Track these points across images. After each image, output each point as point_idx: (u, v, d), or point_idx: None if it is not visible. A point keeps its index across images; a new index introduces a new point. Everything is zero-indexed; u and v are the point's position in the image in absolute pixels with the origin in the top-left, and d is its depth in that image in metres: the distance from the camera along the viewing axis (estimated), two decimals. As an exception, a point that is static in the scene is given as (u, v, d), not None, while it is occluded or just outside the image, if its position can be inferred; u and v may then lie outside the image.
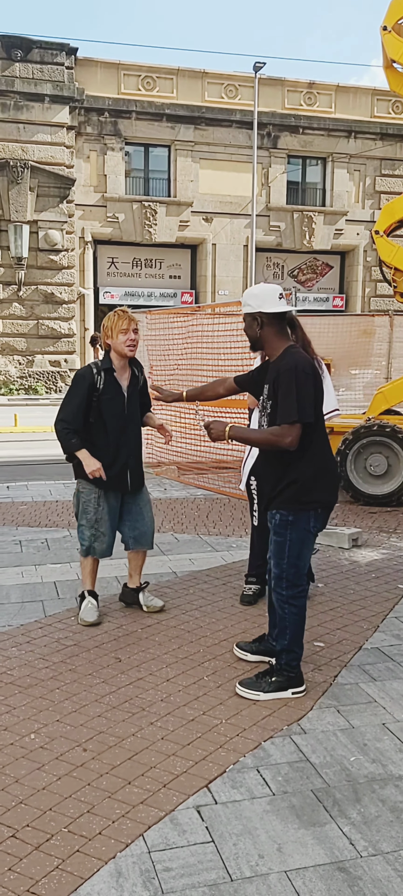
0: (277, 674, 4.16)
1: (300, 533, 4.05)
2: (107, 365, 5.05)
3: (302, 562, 4.11)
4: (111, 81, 27.03)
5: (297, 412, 3.86)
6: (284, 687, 4.13)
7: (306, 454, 3.99)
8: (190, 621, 5.25)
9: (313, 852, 2.84)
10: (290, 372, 3.90)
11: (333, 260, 30.65)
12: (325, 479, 4.09)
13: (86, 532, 5.12)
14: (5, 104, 25.33)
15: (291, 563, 4.07)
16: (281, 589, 4.12)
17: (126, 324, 4.98)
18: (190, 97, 27.66)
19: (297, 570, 4.09)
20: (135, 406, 5.21)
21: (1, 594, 5.75)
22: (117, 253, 28.57)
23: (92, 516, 5.09)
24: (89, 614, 5.10)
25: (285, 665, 4.16)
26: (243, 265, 29.08)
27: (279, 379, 3.94)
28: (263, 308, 4.04)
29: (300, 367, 3.91)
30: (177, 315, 12.03)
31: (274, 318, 4.07)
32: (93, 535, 5.11)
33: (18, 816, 3.03)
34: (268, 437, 3.99)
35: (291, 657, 4.16)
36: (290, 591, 4.10)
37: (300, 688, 4.16)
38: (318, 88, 29.09)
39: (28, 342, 26.28)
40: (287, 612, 4.12)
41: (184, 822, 3.01)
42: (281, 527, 4.07)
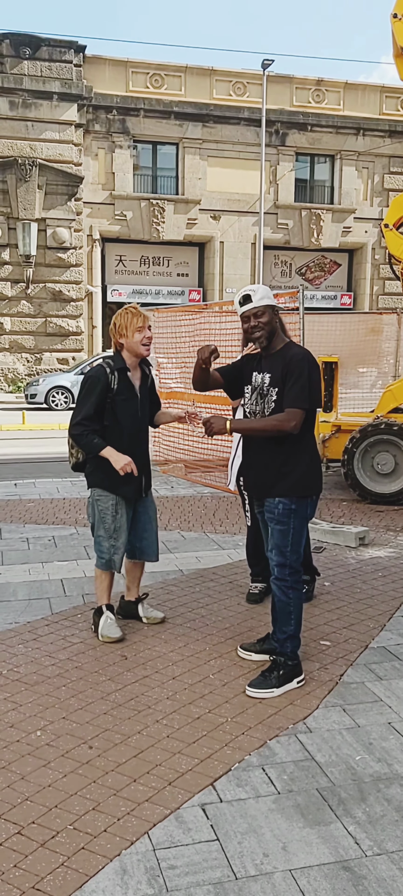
0: (282, 666, 4.21)
1: (301, 520, 4.24)
2: (121, 364, 4.80)
3: (301, 547, 4.30)
4: (119, 79, 27.05)
5: (308, 399, 4.08)
6: (290, 678, 4.19)
7: (305, 443, 4.20)
8: (196, 619, 5.25)
9: (318, 851, 2.84)
10: (303, 360, 4.13)
11: (341, 258, 30.59)
12: (318, 468, 4.35)
13: (105, 544, 4.83)
14: (14, 102, 25.38)
15: (294, 550, 4.23)
16: (285, 576, 4.24)
17: (142, 321, 4.77)
18: (198, 95, 27.65)
19: (299, 557, 4.28)
20: (147, 407, 5.01)
21: (8, 591, 5.77)
22: (125, 251, 28.59)
23: (110, 525, 4.81)
24: (113, 630, 4.83)
25: (291, 653, 4.24)
26: (251, 263, 29.06)
27: (289, 366, 4.11)
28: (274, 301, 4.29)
29: (310, 357, 4.19)
30: (184, 313, 12.02)
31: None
32: (112, 546, 4.83)
33: (24, 813, 3.04)
34: (273, 423, 4.12)
35: (296, 644, 4.28)
36: (294, 576, 4.25)
37: (301, 675, 4.27)
38: (326, 86, 29.03)
39: (36, 340, 26.34)
40: (292, 597, 4.25)
41: (189, 821, 3.01)
42: (285, 515, 4.19)
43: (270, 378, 4.19)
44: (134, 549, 5.07)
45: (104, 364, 4.82)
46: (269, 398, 4.18)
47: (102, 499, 4.81)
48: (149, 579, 6.07)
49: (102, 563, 4.88)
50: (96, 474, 4.81)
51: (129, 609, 5.23)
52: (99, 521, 4.84)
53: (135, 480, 4.82)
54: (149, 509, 5.08)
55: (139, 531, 5.03)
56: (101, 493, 4.81)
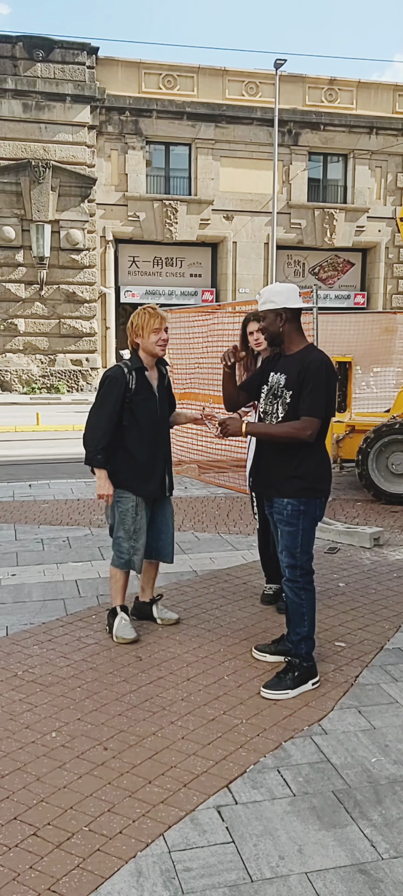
0: (298, 668, 4.20)
1: (310, 521, 4.24)
2: (139, 364, 4.80)
3: (311, 548, 4.31)
4: (132, 80, 27.07)
5: (325, 408, 4.09)
6: (305, 679, 4.19)
7: (315, 445, 4.18)
8: (210, 620, 5.24)
9: (334, 854, 2.83)
10: (321, 368, 4.11)
11: (354, 257, 30.49)
12: (327, 469, 4.33)
13: (125, 544, 4.83)
14: (27, 104, 25.46)
15: (304, 551, 4.24)
16: (296, 577, 4.24)
17: (158, 322, 4.75)
18: (210, 95, 27.62)
19: (309, 557, 4.28)
20: (165, 406, 5.00)
21: (23, 592, 5.79)
22: (138, 252, 28.62)
23: (130, 526, 4.81)
24: (127, 631, 4.82)
25: (306, 654, 4.23)
26: (264, 263, 29.01)
27: (307, 372, 4.09)
28: (288, 304, 4.19)
29: (329, 365, 4.17)
30: (197, 313, 12.02)
31: (297, 313, 4.27)
32: (132, 547, 4.82)
33: (40, 814, 3.05)
34: (289, 430, 4.11)
35: (310, 645, 4.27)
36: (305, 577, 4.26)
37: (317, 677, 4.26)
38: (339, 85, 28.93)
39: (50, 341, 26.41)
40: (304, 598, 4.25)
41: (204, 823, 3.01)
42: (294, 517, 4.20)
43: (285, 379, 4.18)
44: (150, 550, 5.06)
45: (122, 364, 4.83)
46: (283, 400, 4.16)
47: (123, 500, 4.81)
48: (163, 580, 6.07)
49: (121, 563, 4.87)
50: (117, 476, 4.79)
51: (144, 610, 5.22)
52: (119, 521, 4.83)
53: (159, 478, 4.89)
54: (166, 511, 5.08)
55: (156, 532, 5.03)
56: (122, 493, 4.80)
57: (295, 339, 4.25)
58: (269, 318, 4.23)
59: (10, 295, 25.73)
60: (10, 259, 25.63)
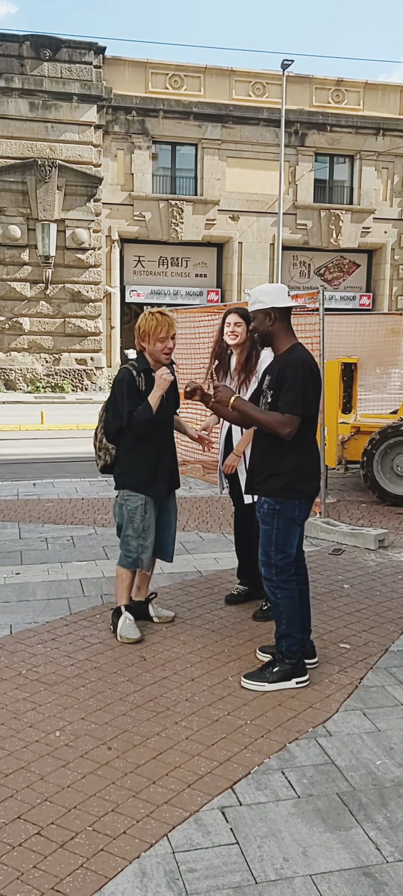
0: (280, 663, 4.22)
1: (286, 521, 4.19)
2: (146, 366, 4.79)
3: (289, 548, 4.24)
4: (139, 80, 27.07)
5: (302, 406, 4.06)
6: (288, 676, 4.18)
7: (300, 447, 4.15)
8: (214, 621, 5.23)
9: (338, 856, 2.82)
10: (298, 366, 4.10)
11: (360, 258, 30.40)
12: (312, 471, 4.28)
13: (134, 543, 4.81)
14: (34, 103, 25.48)
15: (278, 550, 4.21)
16: (271, 575, 4.24)
17: (165, 332, 4.73)
18: (217, 95, 27.61)
19: (284, 556, 4.22)
20: (171, 406, 5.00)
21: (27, 591, 5.79)
22: (143, 251, 28.62)
23: (139, 525, 4.80)
24: (132, 631, 4.80)
25: (286, 651, 4.22)
26: (269, 264, 28.99)
27: (286, 370, 4.10)
28: (276, 303, 4.19)
29: (308, 363, 4.14)
30: (203, 313, 12.01)
31: (285, 313, 4.26)
32: (140, 545, 4.81)
33: (43, 814, 3.04)
34: (271, 420, 4.12)
35: (290, 642, 4.23)
36: (280, 576, 4.23)
37: (303, 677, 4.22)
38: (346, 86, 28.90)
39: (55, 340, 26.42)
40: (279, 596, 4.24)
41: (208, 823, 3.00)
42: (269, 515, 4.21)
43: (269, 380, 4.23)
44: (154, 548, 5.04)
45: (129, 367, 4.82)
46: (265, 400, 4.22)
47: (131, 499, 4.81)
48: (167, 580, 6.07)
49: (129, 563, 4.86)
50: (126, 476, 4.83)
51: (140, 610, 5.17)
52: (127, 521, 4.82)
53: (165, 478, 4.90)
54: (170, 510, 5.08)
55: (158, 530, 5.01)
56: (130, 493, 4.81)
57: (283, 339, 4.24)
58: (259, 318, 4.25)
59: (15, 294, 25.76)
60: (16, 258, 25.66)
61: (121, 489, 4.88)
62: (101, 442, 4.95)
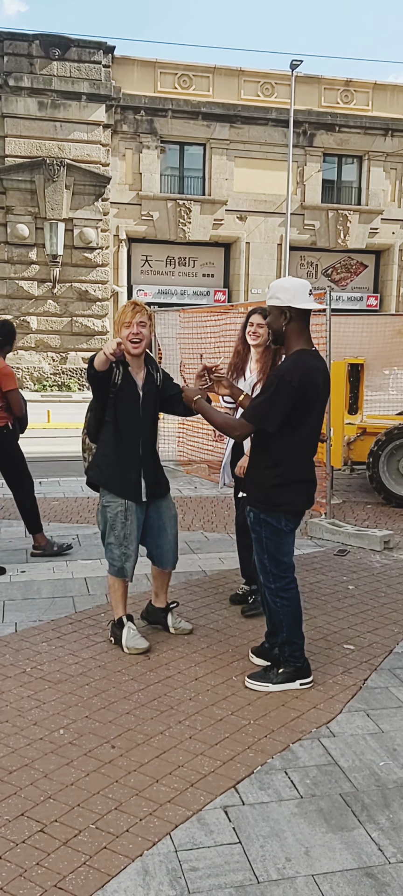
0: (284, 665, 4.21)
1: (272, 530, 4.10)
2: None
3: (283, 556, 4.16)
4: (148, 80, 27.08)
5: (259, 418, 3.93)
6: (292, 678, 4.17)
7: (279, 458, 4.03)
8: (219, 620, 5.24)
9: (341, 857, 2.82)
10: (276, 377, 3.96)
11: (368, 259, 30.39)
12: (296, 488, 4.08)
13: (116, 551, 4.63)
14: (43, 102, 25.51)
15: (271, 558, 4.15)
16: (268, 583, 4.20)
17: (129, 316, 4.49)
18: (226, 95, 27.60)
19: (279, 564, 4.15)
20: (151, 408, 4.70)
21: (32, 589, 5.80)
22: (151, 251, 28.63)
23: (120, 532, 4.60)
24: (139, 641, 4.64)
25: (289, 656, 4.20)
26: (277, 264, 28.96)
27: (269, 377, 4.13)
28: (293, 303, 3.98)
29: (287, 378, 3.90)
30: (210, 313, 12.01)
31: (303, 314, 4.05)
32: (123, 553, 4.62)
33: (47, 811, 3.05)
34: (223, 423, 4.21)
35: (293, 648, 4.20)
36: (278, 583, 4.17)
37: (307, 678, 4.21)
38: (355, 86, 28.84)
39: (62, 339, 26.46)
40: (278, 604, 4.19)
41: (211, 823, 3.00)
42: (256, 523, 4.17)
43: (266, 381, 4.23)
44: (151, 557, 4.94)
45: None
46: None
47: (111, 504, 4.62)
48: (172, 580, 6.06)
49: (114, 571, 4.69)
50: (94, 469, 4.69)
51: (156, 615, 5.06)
52: (109, 527, 4.64)
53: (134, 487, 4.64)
54: (163, 515, 4.83)
55: (154, 538, 4.84)
56: (111, 498, 4.62)
57: (293, 342, 4.03)
58: (274, 314, 4.05)
59: (22, 292, 25.81)
60: (24, 257, 25.71)
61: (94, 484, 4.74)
62: (85, 442, 4.90)
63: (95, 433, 4.77)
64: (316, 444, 4.22)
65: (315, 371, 4.00)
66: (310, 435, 4.10)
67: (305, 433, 4.04)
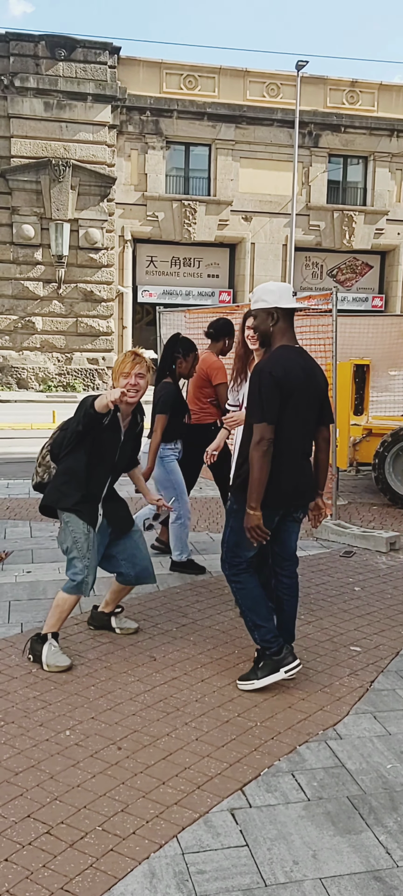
0: (263, 657, 4.21)
1: (240, 522, 4.09)
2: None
3: (243, 551, 4.20)
4: (153, 80, 27.08)
5: (260, 414, 3.94)
6: (275, 668, 4.16)
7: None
8: (225, 622, 5.23)
9: (348, 860, 2.81)
10: (255, 374, 4.04)
11: (373, 260, 30.34)
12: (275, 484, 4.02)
13: (79, 564, 4.50)
14: (48, 103, 25.53)
15: (229, 548, 4.26)
16: (224, 570, 4.33)
17: (128, 367, 4.50)
18: (231, 96, 27.59)
19: (234, 556, 4.25)
20: (126, 453, 4.73)
21: (38, 590, 5.80)
22: (156, 251, 28.63)
23: (83, 545, 4.49)
24: (61, 658, 4.45)
25: (261, 642, 4.20)
26: (282, 264, 28.93)
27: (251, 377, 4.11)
28: (280, 303, 4.08)
29: (266, 369, 3.99)
30: (216, 314, 11.99)
31: (288, 314, 4.14)
32: (86, 566, 4.50)
33: (53, 813, 3.05)
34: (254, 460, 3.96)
35: (262, 633, 4.20)
36: (231, 570, 4.28)
37: (292, 664, 4.16)
38: (361, 87, 28.80)
39: (67, 340, 26.47)
40: (234, 588, 4.31)
41: (218, 825, 2.99)
42: (228, 513, 4.29)
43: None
44: (128, 578, 4.88)
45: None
46: None
47: (73, 521, 4.51)
48: (177, 580, 6.08)
49: (74, 587, 4.53)
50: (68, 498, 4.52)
51: (101, 620, 5.04)
52: (73, 542, 4.51)
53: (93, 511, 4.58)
54: (134, 533, 4.84)
55: (129, 559, 4.81)
56: (72, 516, 4.50)
57: (277, 341, 4.11)
58: (261, 317, 4.15)
59: (28, 293, 25.83)
60: (29, 257, 25.73)
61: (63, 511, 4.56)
62: (44, 458, 4.70)
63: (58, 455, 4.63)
64: (303, 442, 4.18)
65: (292, 362, 4.04)
66: (290, 429, 4.05)
67: (283, 425, 4.00)
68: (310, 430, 4.24)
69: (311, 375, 4.15)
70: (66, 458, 4.57)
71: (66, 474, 4.56)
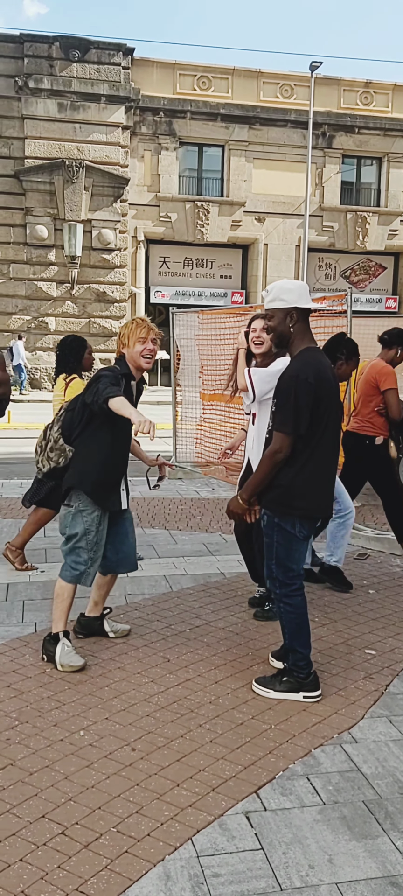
0: (288, 674, 4.15)
1: (285, 535, 4.02)
2: (126, 370, 4.50)
3: (292, 563, 4.07)
4: (167, 81, 27.12)
5: (291, 425, 3.86)
6: (295, 689, 4.10)
7: (299, 460, 3.94)
8: (238, 623, 5.21)
9: (364, 865, 2.79)
10: (290, 381, 3.89)
11: (386, 261, 30.25)
12: (314, 488, 3.99)
13: (84, 555, 4.45)
14: (62, 104, 25.63)
15: (279, 564, 4.08)
16: (274, 587, 4.17)
17: (145, 332, 4.48)
18: (245, 97, 27.60)
19: (286, 571, 4.07)
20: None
21: (51, 590, 5.76)
22: (169, 252, 28.67)
23: (93, 537, 4.46)
24: (74, 658, 4.42)
25: (292, 665, 4.14)
26: (294, 265, 28.91)
27: (280, 383, 3.96)
28: (299, 303, 3.98)
29: (300, 378, 3.86)
30: (229, 315, 11.99)
31: (305, 314, 4.05)
32: (91, 558, 4.47)
33: (68, 814, 3.04)
34: (265, 461, 3.96)
35: (297, 658, 4.13)
36: (283, 589, 4.10)
37: (313, 693, 4.10)
38: (375, 88, 28.74)
39: (80, 340, 26.52)
40: (282, 609, 4.15)
41: (232, 828, 2.98)
42: (269, 528, 4.09)
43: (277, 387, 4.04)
44: (109, 564, 4.77)
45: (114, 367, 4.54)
46: (271, 409, 4.10)
47: (88, 510, 4.45)
48: (190, 581, 6.07)
49: (75, 575, 4.47)
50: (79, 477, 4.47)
51: (92, 626, 4.91)
52: (84, 531, 4.45)
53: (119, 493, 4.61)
54: (126, 521, 4.76)
55: (115, 545, 4.72)
56: (87, 503, 4.45)
57: (298, 343, 4.01)
58: (278, 317, 4.01)
59: (41, 293, 25.93)
60: (43, 258, 25.83)
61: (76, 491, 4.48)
62: (57, 442, 4.59)
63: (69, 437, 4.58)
64: (335, 447, 4.13)
65: (323, 367, 3.99)
66: (328, 434, 4.00)
67: (322, 432, 3.96)
68: (339, 434, 4.20)
69: (335, 377, 4.13)
70: (82, 439, 4.52)
71: (82, 456, 4.50)
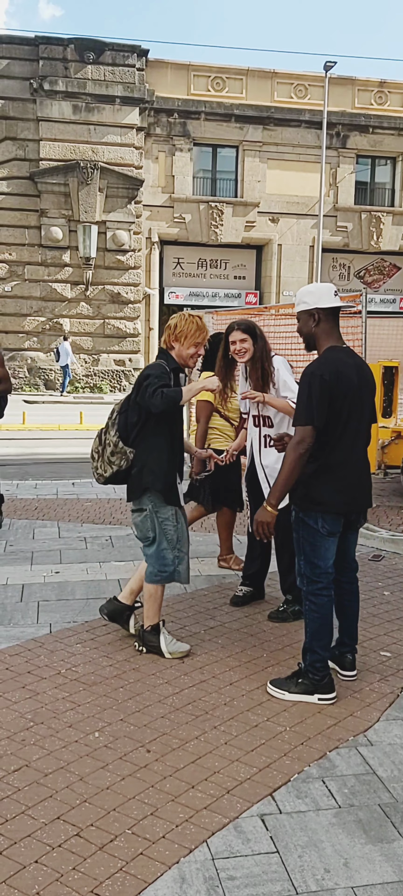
0: (304, 676, 4.12)
1: (309, 531, 4.03)
2: (175, 364, 4.59)
3: (319, 559, 4.05)
4: (181, 82, 27.14)
5: (307, 417, 3.88)
6: (310, 691, 4.08)
7: (321, 456, 3.96)
8: (253, 625, 5.20)
9: (381, 869, 2.77)
10: (307, 376, 3.93)
11: (401, 261, 30.02)
12: (335, 487, 4.00)
13: (170, 555, 4.56)
14: (77, 106, 25.71)
15: (307, 561, 4.08)
16: (302, 584, 4.15)
17: (201, 338, 4.59)
18: (259, 97, 27.57)
19: (313, 567, 4.06)
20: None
21: (66, 590, 5.81)
22: (183, 253, 28.68)
23: (173, 535, 4.55)
24: (180, 645, 4.62)
25: (309, 666, 4.11)
26: (309, 266, 28.84)
27: (301, 380, 3.99)
28: (320, 304, 4.04)
29: (317, 373, 3.91)
30: (243, 316, 11.97)
31: (331, 314, 4.08)
32: (176, 556, 4.58)
33: (83, 815, 3.04)
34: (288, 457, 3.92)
35: (314, 658, 4.09)
36: (309, 586, 4.09)
37: (328, 695, 4.07)
38: (389, 87, 28.63)
39: (94, 341, 26.61)
40: (306, 607, 4.14)
41: (248, 831, 2.96)
42: (296, 523, 4.13)
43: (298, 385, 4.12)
44: None
45: (161, 362, 4.59)
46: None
47: (162, 510, 4.55)
48: (205, 582, 6.06)
49: (164, 577, 4.60)
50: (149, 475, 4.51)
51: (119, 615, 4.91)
52: (161, 532, 4.54)
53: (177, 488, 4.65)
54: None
55: None
56: (159, 503, 4.54)
57: (323, 342, 4.06)
58: (303, 319, 4.11)
59: (56, 295, 26.01)
60: (57, 259, 25.92)
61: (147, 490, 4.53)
62: (117, 446, 4.58)
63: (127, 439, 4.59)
64: (360, 443, 4.12)
65: (344, 364, 3.99)
66: (348, 431, 4.01)
67: (341, 428, 3.97)
68: (366, 431, 4.18)
69: (362, 375, 4.10)
70: (144, 438, 4.55)
71: (150, 453, 4.54)
